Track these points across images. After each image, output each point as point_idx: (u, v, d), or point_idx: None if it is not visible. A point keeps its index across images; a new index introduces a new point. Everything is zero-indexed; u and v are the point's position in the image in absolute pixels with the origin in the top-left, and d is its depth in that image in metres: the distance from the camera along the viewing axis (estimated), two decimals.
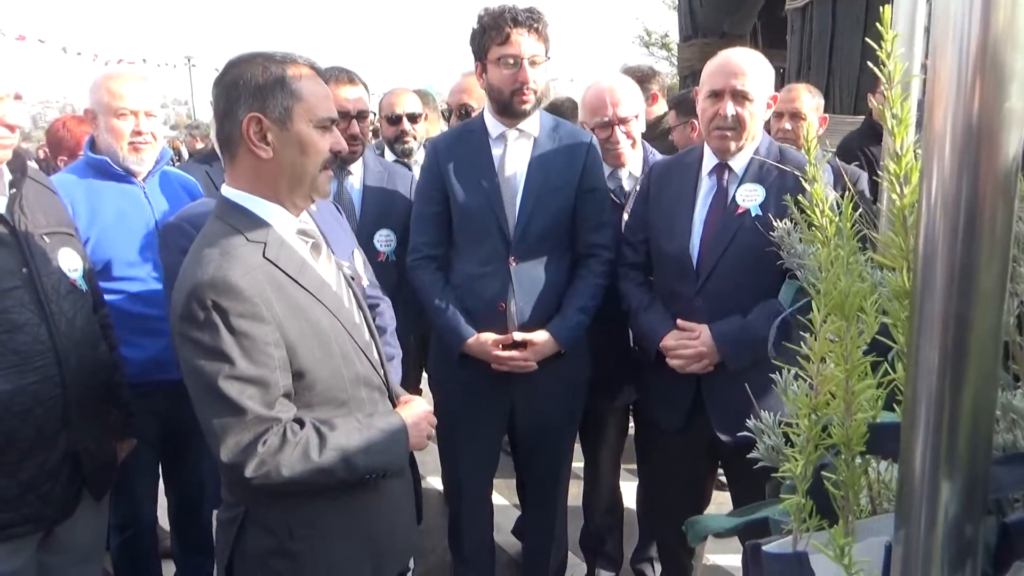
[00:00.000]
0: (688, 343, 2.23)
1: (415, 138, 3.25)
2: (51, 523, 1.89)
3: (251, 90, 1.46)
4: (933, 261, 0.54)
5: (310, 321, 1.48)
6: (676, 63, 10.46)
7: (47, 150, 3.32)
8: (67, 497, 1.90)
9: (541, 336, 2.39)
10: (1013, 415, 0.66)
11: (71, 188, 2.37)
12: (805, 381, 0.82)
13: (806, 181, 0.85)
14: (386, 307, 2.32)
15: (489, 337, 2.40)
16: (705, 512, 2.64)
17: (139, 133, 2.42)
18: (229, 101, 1.48)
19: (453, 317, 2.43)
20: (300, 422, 1.47)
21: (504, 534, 3.30)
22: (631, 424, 2.99)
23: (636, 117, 2.62)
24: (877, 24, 0.64)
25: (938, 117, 0.54)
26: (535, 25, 2.30)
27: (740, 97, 2.15)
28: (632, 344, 2.64)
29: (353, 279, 1.80)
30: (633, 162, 2.68)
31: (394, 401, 1.76)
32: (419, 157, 3.31)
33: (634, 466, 3.02)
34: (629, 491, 3.12)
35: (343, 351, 1.54)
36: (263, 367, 1.39)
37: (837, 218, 0.73)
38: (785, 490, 0.87)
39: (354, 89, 2.59)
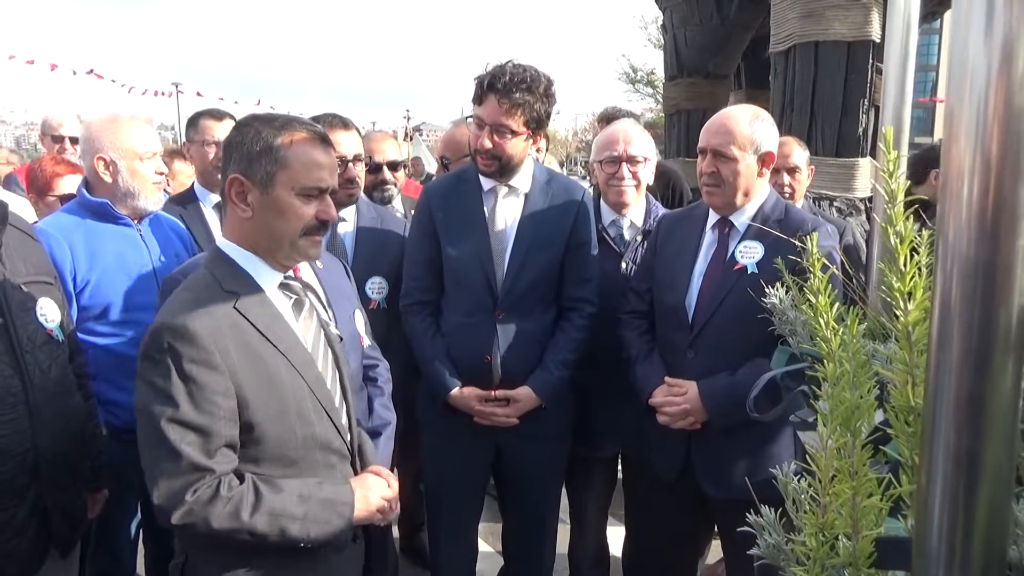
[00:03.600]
0: (675, 400, 2.24)
1: (396, 185, 3.24)
2: None
3: (240, 152, 1.52)
4: (944, 390, 0.54)
5: (268, 375, 1.49)
6: (662, 101, 10.62)
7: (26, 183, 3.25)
8: (33, 554, 1.85)
9: (523, 393, 2.41)
10: (1019, 529, 0.65)
11: (69, 231, 2.35)
12: (805, 480, 0.82)
13: (803, 255, 0.85)
14: (383, 368, 2.30)
15: (472, 392, 2.41)
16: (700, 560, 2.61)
17: (161, 173, 2.49)
18: (224, 160, 1.56)
19: (440, 367, 2.45)
20: (241, 477, 1.46)
21: None
22: (619, 475, 2.97)
23: (645, 161, 2.64)
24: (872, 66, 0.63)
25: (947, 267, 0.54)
26: (509, 94, 2.25)
27: (719, 156, 2.18)
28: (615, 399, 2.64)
29: (341, 339, 1.78)
30: (636, 211, 2.70)
31: (356, 468, 1.72)
32: (398, 204, 3.31)
33: (622, 512, 2.99)
34: (616, 540, 3.08)
35: (300, 410, 1.53)
36: (207, 415, 1.40)
37: (842, 330, 0.73)
38: None
39: (350, 135, 2.60)
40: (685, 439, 2.29)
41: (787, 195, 3.20)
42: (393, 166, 3.16)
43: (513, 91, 2.26)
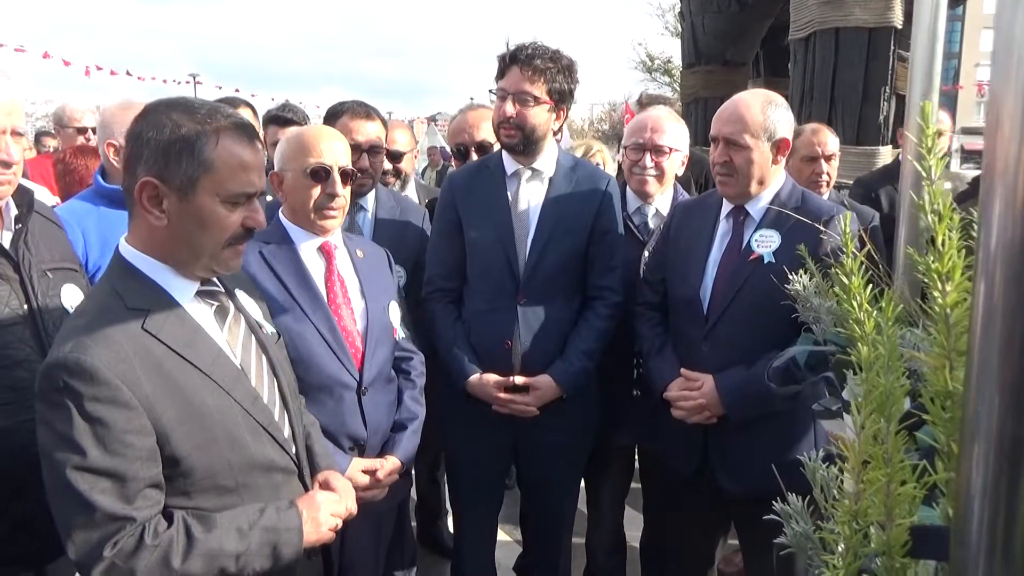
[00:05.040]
0: (690, 394, 2.20)
1: (397, 175, 3.25)
2: (42, 563, 1.86)
3: (153, 149, 1.31)
4: (988, 374, 0.52)
5: (191, 402, 1.33)
6: (679, 89, 10.54)
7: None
8: (59, 536, 1.87)
9: (543, 381, 2.38)
10: None
11: (82, 216, 2.36)
12: (835, 465, 0.80)
13: (831, 245, 0.84)
14: (418, 362, 2.29)
15: (491, 378, 2.39)
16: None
17: None
18: (132, 154, 1.34)
19: (459, 353, 2.43)
20: (170, 518, 1.32)
21: (505, 571, 3.25)
22: (636, 465, 2.96)
23: (671, 152, 2.61)
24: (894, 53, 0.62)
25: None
26: (531, 62, 2.28)
27: (732, 144, 2.14)
28: (634, 389, 2.63)
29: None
30: (662, 200, 2.68)
31: (305, 480, 1.60)
32: (409, 191, 3.32)
33: (640, 501, 2.98)
34: (634, 528, 3.07)
35: (231, 435, 1.39)
36: (119, 458, 1.24)
37: (875, 313, 0.71)
38: None
39: (371, 124, 2.60)
40: (701, 434, 2.25)
41: (824, 183, 3.19)
42: (396, 156, 3.15)
43: (535, 59, 2.28)
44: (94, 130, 4.40)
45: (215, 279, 1.52)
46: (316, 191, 2.01)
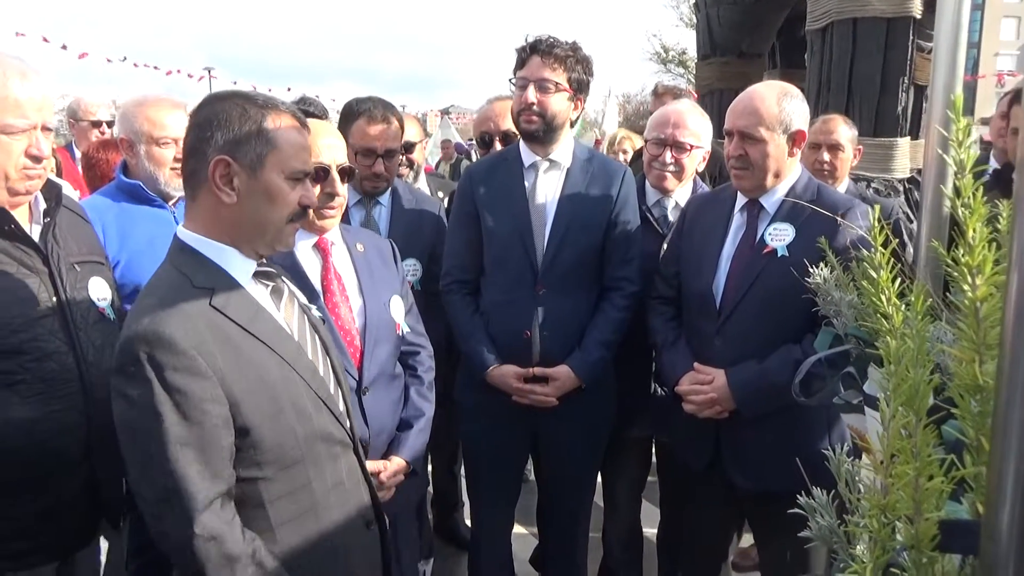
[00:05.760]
0: (701, 388, 2.18)
1: (410, 166, 3.26)
2: (69, 552, 1.88)
3: (225, 131, 1.41)
4: (1021, 368, 0.52)
5: (259, 374, 1.40)
6: (694, 80, 10.46)
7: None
8: (86, 526, 1.89)
9: (561, 371, 2.38)
10: None
11: (103, 211, 2.38)
12: (858, 461, 0.80)
13: (849, 238, 0.83)
14: (426, 355, 2.27)
15: (510, 369, 2.40)
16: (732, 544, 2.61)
17: (179, 160, 2.48)
18: (200, 139, 1.43)
19: (478, 344, 2.45)
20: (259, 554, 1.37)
21: (521, 563, 3.26)
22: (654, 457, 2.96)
23: (691, 149, 2.59)
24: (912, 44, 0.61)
25: None
26: (552, 51, 2.33)
27: (747, 138, 2.12)
28: (652, 383, 2.63)
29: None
30: (681, 193, 2.67)
31: (359, 454, 1.66)
32: (420, 183, 3.33)
33: (657, 495, 2.98)
34: (650, 521, 3.07)
35: (297, 405, 1.45)
36: (199, 426, 1.30)
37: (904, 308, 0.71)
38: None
39: (387, 128, 2.57)
40: (714, 429, 2.24)
41: (826, 172, 3.11)
42: (406, 148, 3.15)
43: (555, 48, 2.34)
44: (109, 123, 4.43)
45: (269, 266, 1.59)
46: (315, 191, 1.98)
